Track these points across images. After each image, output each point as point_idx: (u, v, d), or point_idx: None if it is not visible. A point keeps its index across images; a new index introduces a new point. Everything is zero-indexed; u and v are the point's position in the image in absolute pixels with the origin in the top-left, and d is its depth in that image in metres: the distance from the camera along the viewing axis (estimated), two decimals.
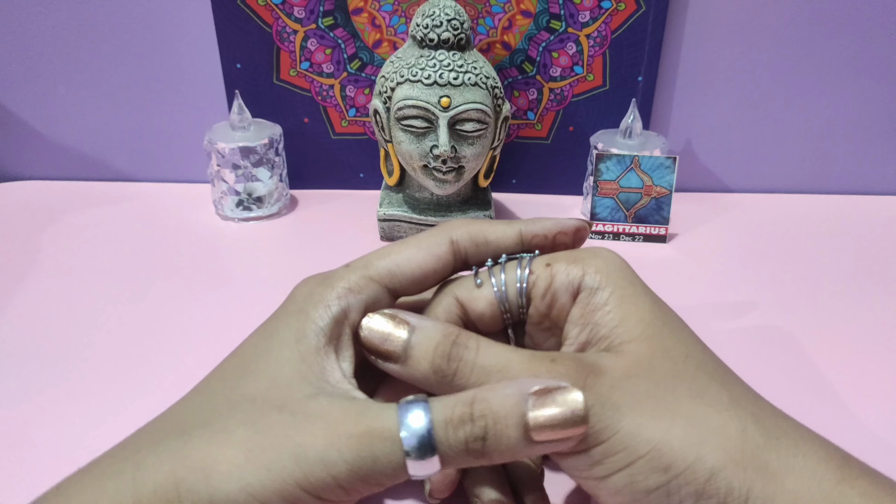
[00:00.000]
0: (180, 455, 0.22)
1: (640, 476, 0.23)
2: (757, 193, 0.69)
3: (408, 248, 0.28)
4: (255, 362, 0.25)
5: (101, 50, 0.62)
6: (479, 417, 0.22)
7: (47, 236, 0.59)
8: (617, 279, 0.27)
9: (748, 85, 0.64)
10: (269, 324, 0.27)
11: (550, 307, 0.27)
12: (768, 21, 0.61)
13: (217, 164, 0.59)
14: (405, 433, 0.22)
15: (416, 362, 0.25)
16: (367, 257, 0.29)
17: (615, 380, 0.24)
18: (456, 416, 0.22)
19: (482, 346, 0.25)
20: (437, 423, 0.22)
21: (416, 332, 0.26)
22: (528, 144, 0.66)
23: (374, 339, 0.26)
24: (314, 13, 0.60)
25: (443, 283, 0.29)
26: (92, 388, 0.42)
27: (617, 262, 0.28)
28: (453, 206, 0.58)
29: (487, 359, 0.25)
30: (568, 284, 0.27)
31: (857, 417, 0.41)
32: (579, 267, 0.27)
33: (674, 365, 0.24)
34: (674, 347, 0.25)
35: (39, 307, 0.50)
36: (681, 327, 0.27)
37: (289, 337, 0.25)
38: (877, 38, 0.62)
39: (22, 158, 0.68)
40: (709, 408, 0.24)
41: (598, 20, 0.60)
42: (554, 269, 0.27)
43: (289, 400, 0.23)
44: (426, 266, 0.28)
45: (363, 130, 0.65)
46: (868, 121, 0.66)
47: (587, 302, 0.26)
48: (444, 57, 0.51)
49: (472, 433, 0.22)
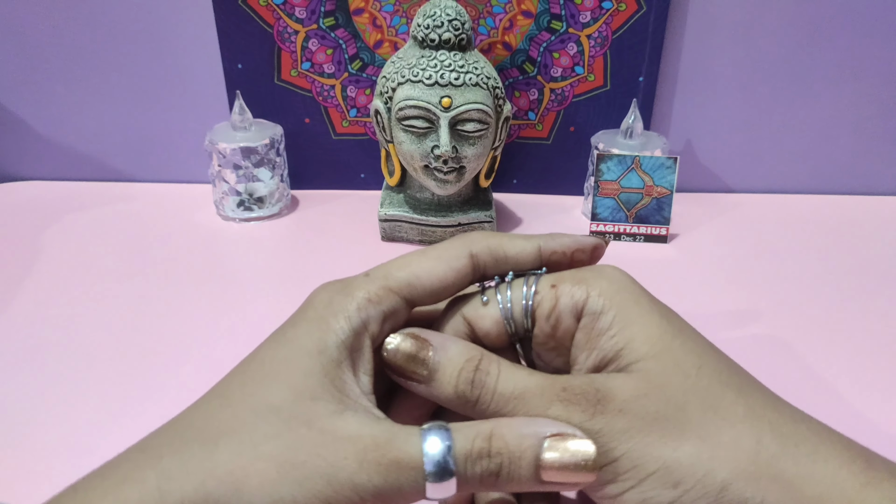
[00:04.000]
0: (208, 466, 0.22)
1: (651, 493, 0.23)
2: (758, 194, 0.69)
3: (428, 259, 0.28)
4: (275, 370, 0.25)
5: (101, 50, 0.62)
6: (496, 454, 0.23)
7: (47, 236, 0.59)
8: (621, 301, 0.27)
9: (749, 85, 0.64)
10: (287, 330, 0.27)
11: (555, 329, 0.27)
12: (769, 21, 0.61)
13: (218, 165, 0.59)
14: (427, 461, 0.23)
15: (440, 385, 0.26)
16: (387, 267, 0.28)
17: (624, 403, 0.24)
18: (475, 450, 0.23)
19: (502, 372, 0.26)
20: (457, 455, 0.23)
21: (440, 354, 0.26)
22: (529, 144, 0.66)
23: (399, 360, 0.27)
24: (315, 13, 0.60)
25: (451, 300, 0.30)
26: (92, 388, 0.42)
27: (622, 282, 0.27)
28: (454, 206, 0.58)
29: (506, 386, 0.25)
30: (572, 307, 0.27)
31: (858, 416, 0.41)
32: (583, 289, 0.27)
33: (685, 379, 0.25)
34: (685, 360, 0.25)
35: (39, 307, 0.50)
36: (693, 337, 0.27)
37: (310, 347, 0.25)
38: (877, 39, 0.62)
39: (22, 158, 0.68)
40: (722, 421, 0.24)
41: (599, 20, 0.60)
42: (559, 291, 0.27)
43: (315, 416, 0.23)
44: (446, 280, 0.28)
45: (364, 131, 0.65)
46: (868, 121, 0.66)
47: (591, 327, 0.26)
48: (446, 57, 0.51)
49: (488, 468, 0.23)
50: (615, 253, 0.58)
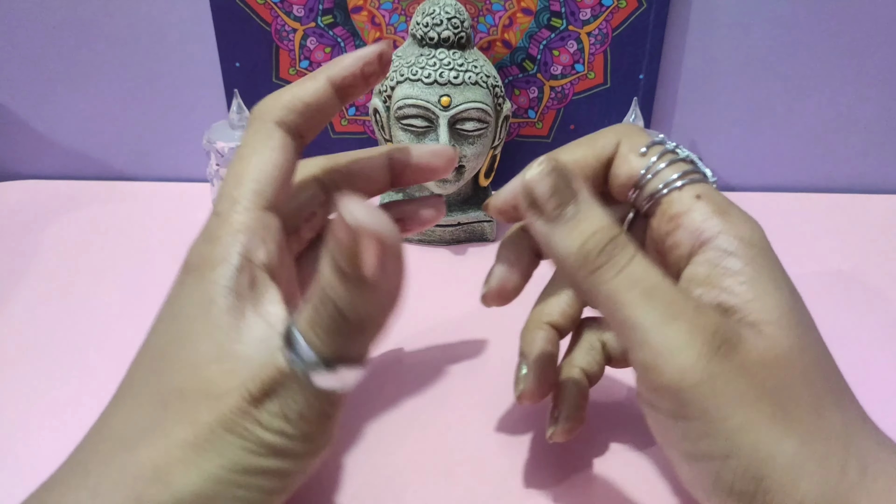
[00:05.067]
0: (133, 469, 0.21)
1: (728, 475, 0.21)
2: (759, 192, 0.69)
3: (262, 151, 0.27)
4: (171, 350, 0.24)
5: (100, 49, 0.62)
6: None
7: (47, 236, 0.59)
8: (757, 253, 0.24)
9: (751, 83, 0.64)
10: (171, 303, 0.25)
11: (665, 237, 0.25)
12: (771, 18, 0.61)
13: (216, 164, 0.59)
14: (288, 361, 0.21)
15: (571, 232, 0.23)
16: (234, 176, 0.26)
17: (748, 363, 0.22)
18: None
19: (638, 257, 0.23)
20: (299, 325, 0.21)
21: (582, 204, 0.24)
22: (529, 143, 0.66)
23: (540, 190, 0.24)
24: (313, 11, 0.59)
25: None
26: (92, 389, 0.42)
27: (764, 242, 0.25)
28: (454, 205, 0.58)
29: (638, 270, 0.23)
30: (697, 228, 0.24)
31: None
32: (721, 221, 0.24)
33: (805, 367, 0.23)
34: (809, 347, 0.23)
35: (39, 307, 0.49)
36: (814, 326, 0.25)
37: (195, 311, 0.24)
38: (880, 36, 0.61)
39: (22, 158, 0.68)
40: (821, 430, 0.22)
41: (600, 18, 0.60)
42: (699, 204, 0.25)
43: (213, 383, 0.22)
44: (312, 104, 0.28)
45: (363, 129, 0.65)
46: (872, 119, 0.65)
47: (716, 263, 0.24)
48: (445, 56, 0.51)
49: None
50: None
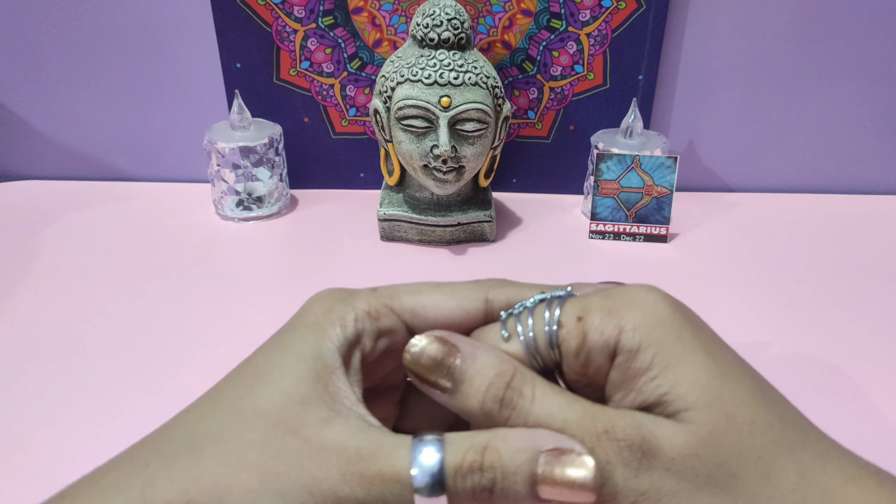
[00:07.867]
0: (192, 474, 0.22)
1: None
2: (758, 193, 0.69)
3: (440, 293, 0.27)
4: (268, 374, 0.24)
5: (100, 50, 0.62)
6: (489, 469, 0.22)
7: (47, 236, 0.59)
8: (660, 336, 0.24)
9: (749, 84, 0.64)
10: (284, 334, 0.26)
11: (585, 367, 0.25)
12: (769, 20, 0.61)
13: (217, 164, 0.59)
14: (417, 472, 0.22)
15: (465, 398, 0.24)
16: (396, 288, 0.27)
17: (673, 460, 0.22)
18: (466, 463, 0.22)
19: (538, 394, 0.24)
20: (448, 468, 0.22)
21: (468, 363, 0.24)
22: (529, 144, 0.66)
23: (423, 364, 0.24)
24: (314, 12, 0.60)
25: (471, 332, 0.28)
26: (91, 388, 0.42)
27: (659, 313, 0.24)
28: (453, 205, 0.58)
29: (541, 413, 0.23)
30: (603, 345, 0.24)
31: (860, 414, 0.41)
32: (614, 322, 0.24)
33: (738, 438, 0.23)
34: (737, 413, 0.23)
35: (39, 307, 0.50)
36: (741, 379, 0.24)
37: (305, 352, 0.24)
38: (877, 38, 0.62)
39: (22, 158, 0.68)
40: (774, 490, 0.22)
41: (599, 19, 0.60)
42: (586, 325, 0.24)
43: (303, 423, 0.23)
44: (453, 316, 0.26)
45: (363, 130, 0.65)
46: (868, 120, 0.66)
47: (627, 367, 0.24)
48: (445, 56, 0.51)
49: (480, 483, 0.22)
50: (615, 252, 0.58)
